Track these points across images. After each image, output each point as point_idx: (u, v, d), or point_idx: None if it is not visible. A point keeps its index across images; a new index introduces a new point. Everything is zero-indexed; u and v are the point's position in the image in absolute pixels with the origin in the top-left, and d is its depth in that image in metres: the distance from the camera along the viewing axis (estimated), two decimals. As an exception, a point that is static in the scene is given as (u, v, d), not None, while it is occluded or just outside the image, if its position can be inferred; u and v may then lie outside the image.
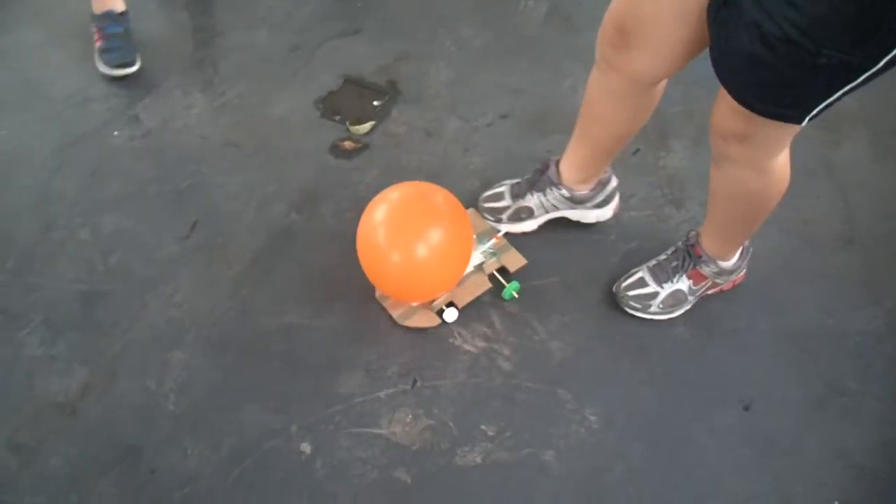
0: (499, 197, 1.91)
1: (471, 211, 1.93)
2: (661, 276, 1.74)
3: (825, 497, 1.54)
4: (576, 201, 1.84)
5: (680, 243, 1.76)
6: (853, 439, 1.61)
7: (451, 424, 1.62)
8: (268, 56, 2.41)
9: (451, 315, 1.74)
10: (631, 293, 1.75)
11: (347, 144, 2.14)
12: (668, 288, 1.73)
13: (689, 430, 1.62)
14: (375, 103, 2.24)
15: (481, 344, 1.74)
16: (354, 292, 1.82)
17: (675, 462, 1.58)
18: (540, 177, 1.84)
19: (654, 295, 1.74)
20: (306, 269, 1.87)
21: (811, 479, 1.56)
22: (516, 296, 1.78)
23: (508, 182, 1.92)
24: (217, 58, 2.40)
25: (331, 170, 2.09)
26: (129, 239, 1.97)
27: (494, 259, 1.84)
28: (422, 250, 1.60)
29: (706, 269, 1.70)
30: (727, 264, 1.71)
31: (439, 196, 1.67)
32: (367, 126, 2.17)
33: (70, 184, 2.11)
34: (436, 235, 1.62)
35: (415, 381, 1.68)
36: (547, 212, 1.88)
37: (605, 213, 1.90)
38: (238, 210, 2.01)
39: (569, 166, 1.79)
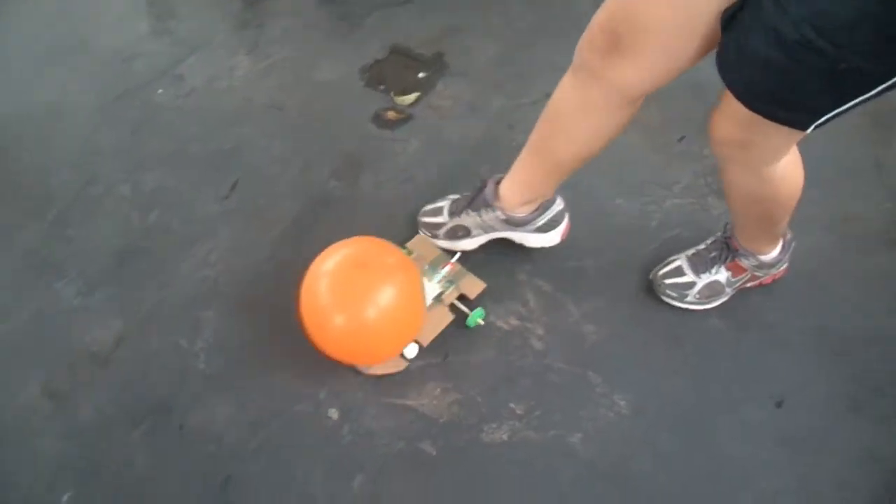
0: (438, 212, 1.83)
1: (419, 236, 1.85)
2: (700, 266, 1.71)
3: (854, 500, 1.52)
4: (513, 224, 1.74)
5: (719, 234, 1.73)
6: (886, 444, 1.58)
7: (479, 400, 1.62)
8: (315, 22, 2.40)
9: (411, 351, 1.66)
10: (668, 281, 1.73)
11: (391, 114, 2.13)
12: (705, 278, 1.71)
13: (719, 422, 1.60)
14: (421, 75, 2.23)
15: (514, 322, 1.73)
16: (390, 263, 1.82)
17: (703, 454, 1.56)
18: (477, 195, 1.74)
19: (691, 285, 1.71)
20: (344, 236, 1.86)
21: (840, 480, 1.53)
22: (482, 322, 1.72)
23: (451, 197, 1.83)
24: (264, 20, 2.40)
25: (373, 139, 2.09)
26: (169, 197, 1.98)
27: (453, 287, 1.75)
28: (370, 316, 1.48)
29: (745, 262, 1.67)
30: (767, 258, 1.67)
31: (389, 258, 1.57)
32: (411, 97, 2.16)
33: (113, 139, 2.12)
34: (386, 302, 1.50)
35: (446, 355, 1.68)
36: (486, 232, 1.79)
37: (551, 238, 1.78)
38: (278, 173, 2.01)
39: (513, 185, 1.68)
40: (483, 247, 1.82)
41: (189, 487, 1.54)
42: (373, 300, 1.48)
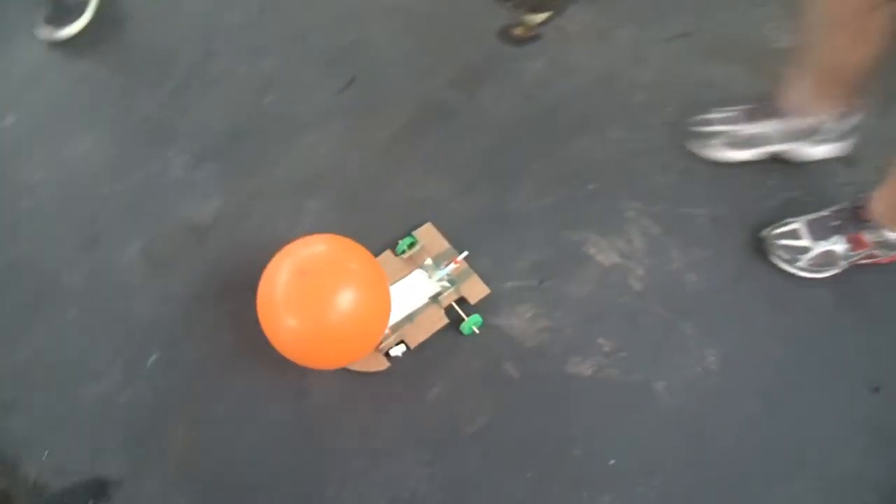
0: (715, 122, 1.79)
1: (428, 225, 1.73)
2: (819, 232, 1.63)
3: (941, 501, 1.46)
4: (797, 136, 1.72)
5: (847, 203, 1.64)
6: None
7: (568, 331, 1.60)
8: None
9: (397, 351, 1.58)
10: (781, 242, 1.65)
11: (518, 31, 2.07)
12: (822, 246, 1.63)
13: (809, 396, 1.54)
14: (554, -5, 2.15)
15: (616, 258, 1.68)
16: (499, 177, 1.80)
17: (787, 425, 1.51)
18: (763, 104, 1.72)
19: (806, 250, 1.64)
20: (455, 147, 1.85)
21: (930, 480, 1.48)
22: (477, 331, 1.60)
23: (739, 107, 1.78)
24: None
25: (496, 54, 2.03)
26: (285, 83, 1.99)
27: (452, 289, 1.64)
28: (333, 320, 1.41)
29: (869, 236, 1.58)
30: (893, 235, 1.59)
31: (352, 262, 1.49)
32: (541, 17, 2.09)
33: (235, 19, 2.14)
34: (348, 304, 1.41)
35: (542, 280, 1.65)
36: (761, 145, 1.76)
37: (833, 150, 1.76)
38: (397, 75, 1.99)
39: (799, 93, 1.65)
40: (596, 179, 1.79)
41: (268, 369, 1.57)
42: (319, 309, 1.40)
